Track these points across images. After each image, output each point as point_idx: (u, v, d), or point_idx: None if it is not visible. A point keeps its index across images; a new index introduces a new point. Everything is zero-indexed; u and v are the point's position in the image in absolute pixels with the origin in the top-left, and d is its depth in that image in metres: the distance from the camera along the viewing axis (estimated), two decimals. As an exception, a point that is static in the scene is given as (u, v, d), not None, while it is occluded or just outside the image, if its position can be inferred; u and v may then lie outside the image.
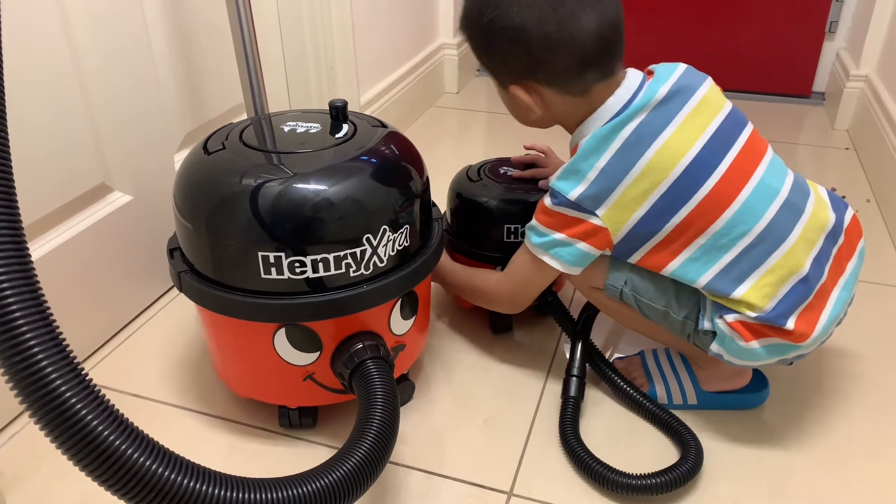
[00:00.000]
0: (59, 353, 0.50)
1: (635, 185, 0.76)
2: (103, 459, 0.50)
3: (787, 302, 0.75)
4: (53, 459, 0.70)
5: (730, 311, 0.77)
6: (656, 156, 0.76)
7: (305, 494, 0.58)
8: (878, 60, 1.74)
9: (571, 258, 0.81)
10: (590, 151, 0.78)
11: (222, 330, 0.83)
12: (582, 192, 0.78)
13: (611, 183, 0.77)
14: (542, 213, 0.82)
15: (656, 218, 0.77)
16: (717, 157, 0.76)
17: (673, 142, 0.76)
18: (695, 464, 0.80)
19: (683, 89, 0.79)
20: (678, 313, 0.82)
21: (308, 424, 0.88)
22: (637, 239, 0.79)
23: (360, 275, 0.76)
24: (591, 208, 0.78)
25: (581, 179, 0.78)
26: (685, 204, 0.76)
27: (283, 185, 0.72)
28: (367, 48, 1.59)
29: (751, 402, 0.91)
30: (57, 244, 0.93)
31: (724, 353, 0.79)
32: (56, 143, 0.91)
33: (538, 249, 0.82)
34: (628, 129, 0.77)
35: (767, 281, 0.75)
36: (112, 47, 0.96)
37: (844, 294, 0.80)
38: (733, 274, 0.76)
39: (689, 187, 0.76)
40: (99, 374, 0.98)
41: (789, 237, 0.75)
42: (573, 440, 0.84)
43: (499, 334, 1.06)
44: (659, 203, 0.76)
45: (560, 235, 0.80)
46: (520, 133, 1.90)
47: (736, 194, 0.75)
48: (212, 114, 1.22)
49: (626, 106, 0.78)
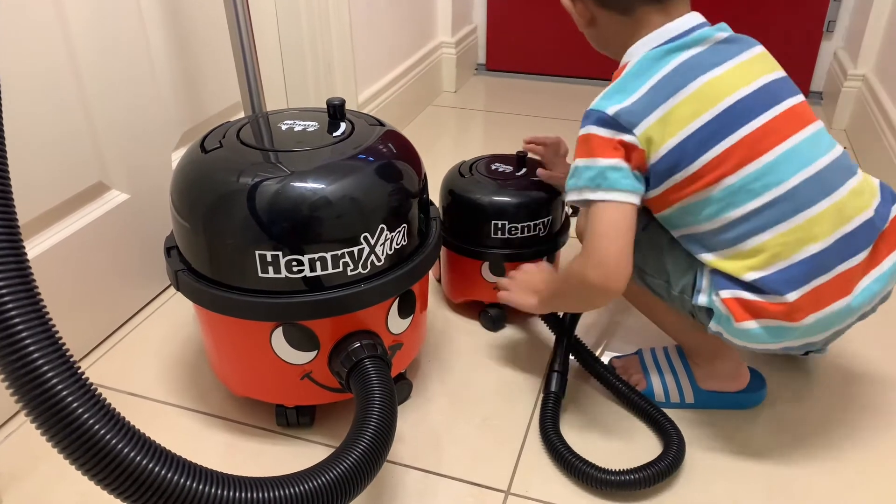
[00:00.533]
0: (55, 351, 0.50)
1: (683, 105, 0.74)
2: (100, 459, 0.50)
3: (794, 271, 0.72)
4: (50, 459, 0.70)
5: (726, 284, 0.75)
6: (706, 85, 0.74)
7: (303, 493, 0.58)
8: (875, 60, 1.74)
9: (629, 182, 0.74)
10: (641, 71, 0.76)
11: (219, 329, 0.82)
12: (623, 107, 0.74)
13: (659, 99, 0.74)
14: (579, 146, 0.77)
15: (694, 147, 0.73)
16: (760, 107, 0.74)
17: (725, 77, 0.74)
18: (675, 459, 0.80)
19: (743, 40, 0.78)
20: (675, 288, 0.81)
21: (305, 423, 0.88)
22: (669, 165, 0.75)
23: (357, 274, 0.76)
24: (629, 125, 0.74)
25: (626, 97, 0.75)
26: (722, 140, 0.73)
27: (280, 184, 0.72)
28: (365, 46, 1.59)
29: (748, 401, 0.91)
30: (53, 243, 0.93)
31: (724, 331, 0.77)
32: (53, 141, 0.91)
33: (592, 190, 0.74)
34: (684, 56, 0.75)
35: (780, 241, 0.72)
36: (109, 45, 0.96)
37: (875, 286, 0.75)
38: (748, 226, 0.73)
39: (729, 125, 0.73)
40: (96, 374, 0.98)
41: (811, 208, 0.72)
42: (553, 435, 0.84)
43: (493, 331, 1.07)
44: (699, 132, 0.73)
45: (605, 160, 0.74)
46: (518, 131, 1.91)
47: (768, 149, 0.73)
48: (209, 112, 1.22)
49: (683, 35, 0.77)
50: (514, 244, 1.01)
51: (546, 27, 2.19)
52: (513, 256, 1.01)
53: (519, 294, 0.91)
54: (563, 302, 0.88)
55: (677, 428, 0.84)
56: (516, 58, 2.27)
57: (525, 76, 2.28)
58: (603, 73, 2.51)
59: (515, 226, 0.99)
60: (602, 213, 0.74)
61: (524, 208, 0.99)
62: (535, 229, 1.00)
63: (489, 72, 2.32)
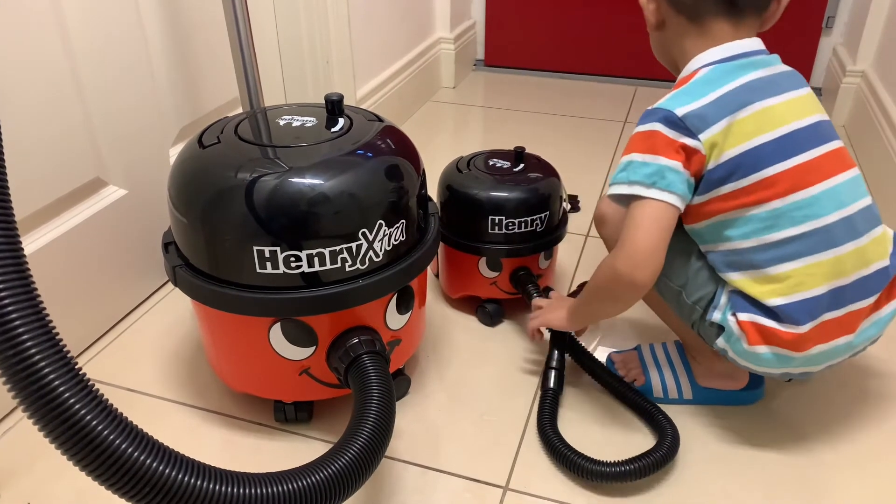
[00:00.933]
0: (52, 348, 0.49)
1: (747, 121, 0.74)
2: (98, 455, 0.50)
3: (813, 303, 0.74)
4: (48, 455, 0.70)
5: (745, 307, 0.76)
6: (769, 108, 0.75)
7: (301, 489, 0.58)
8: (874, 56, 1.74)
9: (683, 188, 0.74)
10: (712, 80, 0.76)
11: (217, 324, 0.82)
12: (692, 110, 0.74)
13: (727, 110, 0.74)
14: (637, 141, 0.77)
15: (750, 162, 0.74)
16: (810, 142, 0.75)
17: (784, 106, 0.76)
18: (669, 450, 0.80)
19: (796, 76, 0.80)
20: (690, 297, 0.81)
21: (304, 419, 0.88)
22: (724, 174, 0.75)
23: (355, 269, 0.76)
24: (695, 129, 0.74)
25: (694, 100, 0.75)
26: (776, 163, 0.74)
27: (278, 180, 0.72)
28: (363, 42, 1.59)
29: (745, 399, 0.91)
30: (51, 239, 0.92)
31: (729, 350, 0.79)
32: (50, 137, 0.90)
33: (646, 187, 0.74)
34: (752, 75, 0.76)
35: (806, 272, 0.74)
36: (106, 40, 0.96)
37: (872, 329, 0.78)
38: (781, 251, 0.74)
39: (784, 151, 0.74)
40: (93, 370, 0.98)
41: (839, 247, 0.74)
42: (550, 431, 0.84)
43: (491, 326, 1.07)
44: (757, 149, 0.74)
45: (666, 160, 0.74)
46: (516, 127, 1.90)
47: (814, 183, 0.74)
48: (207, 108, 1.21)
49: (749, 55, 0.78)
50: (512, 239, 1.01)
51: (544, 23, 2.19)
52: (510, 252, 1.01)
53: (550, 312, 0.92)
54: (591, 306, 0.87)
55: (671, 420, 0.85)
56: (515, 53, 2.27)
57: (523, 72, 2.27)
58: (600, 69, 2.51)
59: (513, 221, 0.99)
60: (647, 208, 0.75)
61: (521, 204, 0.99)
62: (533, 224, 1.00)
63: (487, 67, 2.31)
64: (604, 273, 0.79)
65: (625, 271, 0.75)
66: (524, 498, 0.79)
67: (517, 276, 1.03)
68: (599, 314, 0.93)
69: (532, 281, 1.01)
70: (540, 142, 1.70)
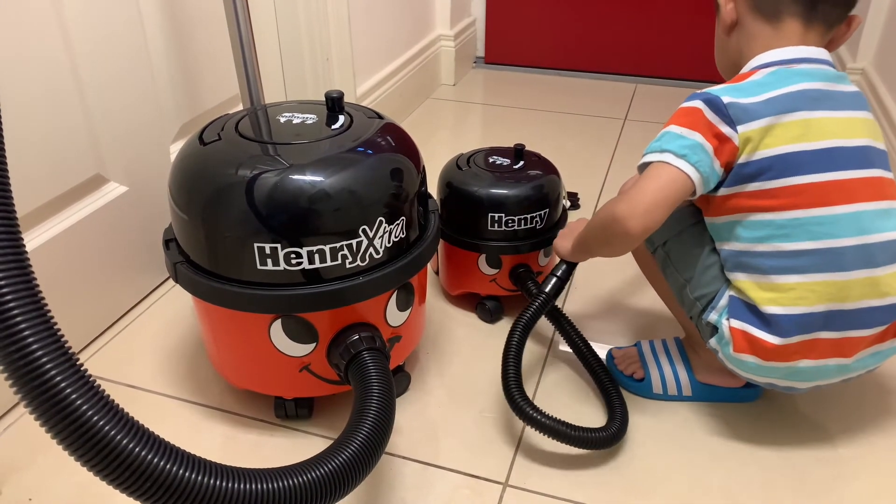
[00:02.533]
0: (54, 343, 0.49)
1: (791, 126, 0.74)
2: (99, 450, 0.50)
3: (809, 319, 0.74)
4: (49, 450, 0.70)
5: (740, 314, 0.77)
6: (818, 121, 0.75)
7: (301, 485, 0.59)
8: (874, 53, 1.74)
9: (709, 171, 0.75)
10: (769, 82, 0.76)
11: (218, 321, 0.83)
12: (737, 102, 0.74)
13: (773, 110, 0.74)
14: (677, 115, 0.77)
15: (783, 166, 0.74)
16: (850, 163, 0.75)
17: (834, 122, 0.76)
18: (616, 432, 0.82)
19: (861, 99, 0.79)
20: (693, 291, 0.82)
21: (304, 415, 0.88)
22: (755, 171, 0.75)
23: (356, 266, 0.76)
24: (736, 120, 0.74)
25: (746, 96, 0.75)
26: (808, 174, 0.74)
27: (279, 177, 0.72)
28: (363, 39, 1.59)
29: (744, 397, 0.92)
30: (52, 235, 0.93)
31: (720, 351, 0.80)
32: (51, 133, 0.90)
33: (676, 157, 0.74)
34: (812, 85, 0.76)
35: (810, 288, 0.74)
36: (106, 36, 0.96)
37: (871, 360, 0.79)
38: (790, 262, 0.74)
39: (819, 165, 0.74)
40: (95, 365, 0.98)
41: (847, 272, 0.74)
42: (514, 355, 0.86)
43: (490, 322, 1.07)
44: (793, 156, 0.74)
45: (702, 139, 0.74)
46: (516, 124, 1.90)
47: (839, 203, 0.74)
48: (207, 105, 1.21)
49: (815, 62, 0.77)
50: (512, 236, 1.01)
51: (544, 20, 2.19)
52: (509, 249, 1.02)
53: (561, 238, 0.94)
54: (587, 242, 0.87)
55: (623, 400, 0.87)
56: (515, 51, 2.27)
57: (523, 69, 2.27)
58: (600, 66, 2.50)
59: (512, 218, 0.99)
60: (666, 171, 0.74)
61: (522, 201, 0.99)
62: (532, 222, 1.01)
63: (488, 65, 2.31)
64: (603, 212, 0.79)
65: (621, 215, 0.75)
66: (523, 494, 0.79)
67: (517, 273, 1.03)
68: (594, 252, 0.90)
69: (532, 278, 1.02)
70: (539, 139, 1.70)
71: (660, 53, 2.11)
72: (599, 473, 0.82)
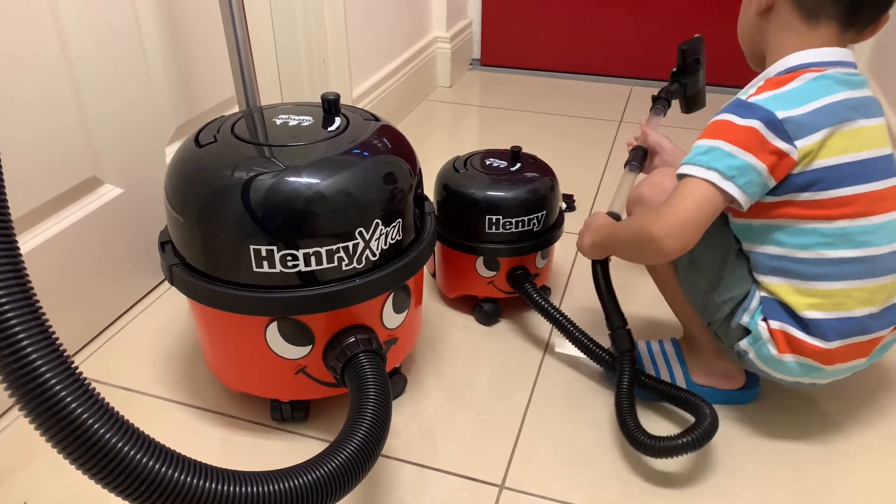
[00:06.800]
0: (48, 346, 0.49)
1: (840, 137, 0.74)
2: (94, 453, 0.50)
3: (847, 324, 0.76)
4: (44, 453, 0.70)
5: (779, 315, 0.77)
6: (861, 130, 0.75)
7: (297, 487, 0.58)
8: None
9: (756, 191, 0.73)
10: (812, 91, 0.74)
11: (214, 323, 0.82)
12: (792, 116, 0.73)
13: (825, 122, 0.73)
14: (729, 131, 0.74)
15: (833, 178, 0.74)
16: (887, 171, 0.76)
17: (872, 131, 0.76)
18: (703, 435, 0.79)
19: (877, 102, 0.79)
20: (720, 295, 0.82)
21: (300, 418, 0.88)
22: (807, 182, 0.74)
23: (352, 268, 0.76)
24: (793, 135, 0.73)
25: (794, 107, 0.73)
26: (857, 185, 0.74)
27: (274, 179, 0.72)
28: (359, 41, 1.59)
29: (739, 399, 0.92)
30: (47, 237, 0.92)
31: (752, 353, 0.80)
32: (46, 135, 0.90)
33: (723, 178, 0.72)
34: (851, 93, 0.76)
35: (849, 294, 0.75)
36: (102, 38, 0.96)
37: (877, 354, 0.81)
38: (831, 269, 0.75)
39: (866, 175, 0.75)
40: (90, 368, 0.97)
41: (884, 277, 0.76)
42: None
43: (487, 325, 1.07)
44: (843, 167, 0.74)
45: (753, 160, 0.72)
46: (512, 126, 1.90)
47: (882, 212, 0.75)
48: (203, 106, 1.21)
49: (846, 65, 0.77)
50: (509, 239, 1.01)
51: (540, 22, 2.19)
52: (507, 251, 1.02)
53: (582, 235, 0.93)
54: (614, 246, 0.86)
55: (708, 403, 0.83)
56: (511, 53, 2.27)
57: (519, 71, 2.28)
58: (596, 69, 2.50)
59: (510, 220, 0.99)
60: (707, 191, 0.73)
61: (519, 203, 1.00)
62: (530, 224, 1.01)
63: (484, 67, 2.31)
64: (638, 227, 0.79)
65: (658, 235, 0.73)
66: (520, 496, 0.79)
67: (514, 276, 1.03)
68: (618, 255, 0.88)
69: (529, 280, 1.02)
70: (535, 141, 1.70)
71: (655, 56, 2.11)
72: (595, 475, 0.82)
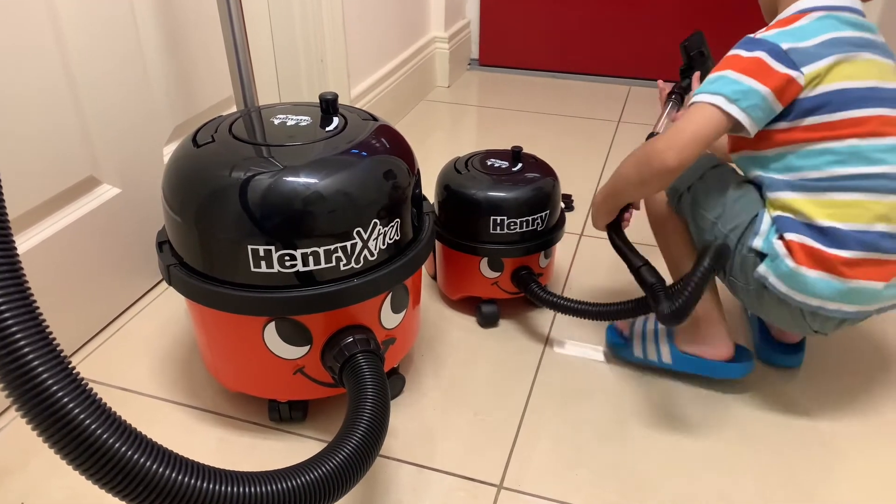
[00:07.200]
0: (46, 347, 0.49)
1: (848, 65, 0.77)
2: (91, 454, 0.50)
3: (865, 237, 0.76)
4: (41, 454, 0.70)
5: (794, 227, 0.77)
6: (868, 62, 0.78)
7: (295, 488, 0.58)
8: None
9: (759, 115, 0.77)
10: (820, 28, 0.78)
11: (212, 324, 0.82)
12: (796, 47, 0.77)
13: (832, 51, 0.77)
14: (736, 62, 0.78)
15: (841, 101, 0.77)
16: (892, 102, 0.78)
17: (881, 65, 0.79)
18: None
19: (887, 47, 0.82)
20: (725, 226, 0.83)
21: (298, 418, 0.88)
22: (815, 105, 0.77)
23: (350, 268, 0.76)
24: (799, 63, 0.76)
25: (800, 41, 0.77)
26: (865, 107, 0.77)
27: (272, 179, 0.72)
28: (357, 41, 1.59)
29: (727, 372, 0.91)
30: (44, 237, 0.92)
31: (771, 274, 0.79)
32: (44, 135, 0.90)
33: (728, 101, 0.76)
34: (859, 33, 0.79)
35: (865, 206, 0.76)
36: (100, 38, 0.96)
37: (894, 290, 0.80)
38: (847, 183, 0.76)
39: (874, 100, 0.77)
40: (87, 369, 0.97)
41: None
42: None
43: (487, 328, 1.07)
44: (850, 91, 0.77)
45: (757, 85, 0.76)
46: (511, 126, 1.90)
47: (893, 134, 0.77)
48: (201, 106, 1.21)
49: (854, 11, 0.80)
50: (513, 239, 1.01)
51: (539, 22, 2.19)
52: (511, 251, 1.01)
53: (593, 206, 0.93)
54: (619, 188, 0.87)
55: None
56: (509, 53, 2.27)
57: (518, 71, 2.28)
58: (594, 68, 2.50)
59: (514, 221, 0.99)
60: (709, 112, 0.77)
61: (524, 203, 0.99)
62: (534, 224, 1.01)
63: (482, 67, 2.31)
64: (642, 149, 0.81)
65: (660, 148, 0.78)
66: (518, 496, 0.79)
67: (519, 276, 1.03)
68: (624, 197, 0.88)
69: (534, 280, 1.01)
70: (533, 141, 1.70)
71: (653, 55, 2.11)
72: (594, 475, 0.82)
